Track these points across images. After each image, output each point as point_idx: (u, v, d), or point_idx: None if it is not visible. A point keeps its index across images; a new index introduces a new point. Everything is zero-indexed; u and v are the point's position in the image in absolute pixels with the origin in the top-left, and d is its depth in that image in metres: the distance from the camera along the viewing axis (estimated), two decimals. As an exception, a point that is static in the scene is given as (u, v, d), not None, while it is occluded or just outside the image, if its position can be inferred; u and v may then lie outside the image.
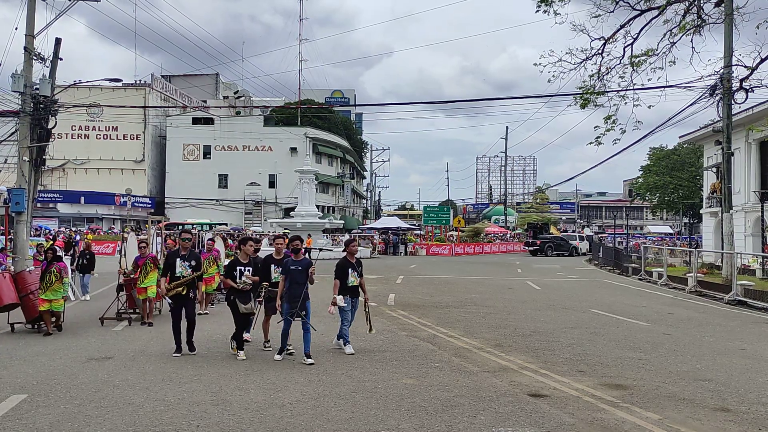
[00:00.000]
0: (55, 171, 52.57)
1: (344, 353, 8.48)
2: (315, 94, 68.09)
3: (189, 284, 8.45)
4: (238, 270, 8.20)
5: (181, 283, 8.37)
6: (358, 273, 8.76)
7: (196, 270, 8.54)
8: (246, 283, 8.12)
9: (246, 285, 8.11)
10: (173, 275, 8.42)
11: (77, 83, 26.04)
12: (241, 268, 8.26)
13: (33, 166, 18.42)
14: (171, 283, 8.42)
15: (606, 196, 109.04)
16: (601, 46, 16.98)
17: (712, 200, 30.57)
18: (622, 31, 16.93)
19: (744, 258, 21.68)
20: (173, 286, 8.37)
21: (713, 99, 18.87)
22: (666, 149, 55.96)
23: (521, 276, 24.52)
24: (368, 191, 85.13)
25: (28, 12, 18.20)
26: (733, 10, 16.42)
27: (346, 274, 8.63)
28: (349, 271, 8.68)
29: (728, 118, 19.05)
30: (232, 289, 8.17)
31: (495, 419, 5.68)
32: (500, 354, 8.68)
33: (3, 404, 5.94)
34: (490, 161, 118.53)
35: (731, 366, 8.21)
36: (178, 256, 8.53)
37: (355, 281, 8.69)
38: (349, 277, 8.64)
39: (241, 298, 8.11)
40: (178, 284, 8.36)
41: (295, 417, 5.65)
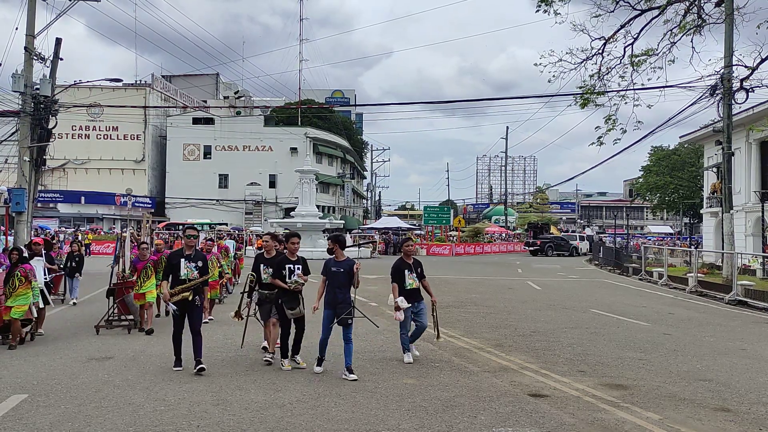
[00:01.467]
0: (55, 171, 52.56)
1: (403, 362, 7.91)
2: (315, 94, 68.11)
3: (195, 289, 7.34)
4: (287, 268, 7.39)
5: (188, 287, 7.26)
6: (417, 275, 8.08)
7: (203, 273, 7.47)
8: (298, 283, 7.35)
9: (298, 285, 7.35)
10: (177, 278, 7.32)
11: (77, 83, 26.08)
12: (290, 266, 7.43)
13: (33, 166, 18.44)
14: (175, 287, 7.32)
15: (606, 196, 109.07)
16: (602, 46, 16.99)
17: (712, 200, 30.57)
18: (623, 31, 16.94)
19: (744, 258, 21.68)
20: (179, 291, 7.24)
21: (714, 99, 18.88)
22: (667, 149, 55.95)
23: (521, 276, 24.52)
24: (368, 191, 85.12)
25: (28, 12, 18.21)
26: (733, 10, 16.41)
27: (403, 277, 7.98)
28: (406, 272, 8.02)
29: (729, 118, 19.05)
30: (280, 290, 7.45)
31: (495, 419, 5.68)
32: (500, 354, 8.68)
33: (3, 404, 5.94)
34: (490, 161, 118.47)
35: (732, 366, 8.21)
36: (183, 257, 7.39)
37: (414, 283, 8.01)
38: (407, 280, 7.98)
39: (287, 302, 7.34)
40: (185, 288, 7.25)
41: (295, 417, 5.65)
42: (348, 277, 7.26)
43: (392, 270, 8.08)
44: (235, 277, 16.24)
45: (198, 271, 7.43)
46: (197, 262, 7.46)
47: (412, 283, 7.99)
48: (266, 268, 7.78)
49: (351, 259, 7.40)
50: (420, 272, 8.12)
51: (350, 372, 7.04)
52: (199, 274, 7.43)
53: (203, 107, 61.77)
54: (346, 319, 7.11)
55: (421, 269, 8.17)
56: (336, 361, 7.97)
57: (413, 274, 8.02)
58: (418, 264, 8.18)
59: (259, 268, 7.88)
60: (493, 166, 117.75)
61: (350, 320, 7.16)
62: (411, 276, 8.00)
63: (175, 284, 7.32)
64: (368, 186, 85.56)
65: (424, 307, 8.11)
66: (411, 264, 8.08)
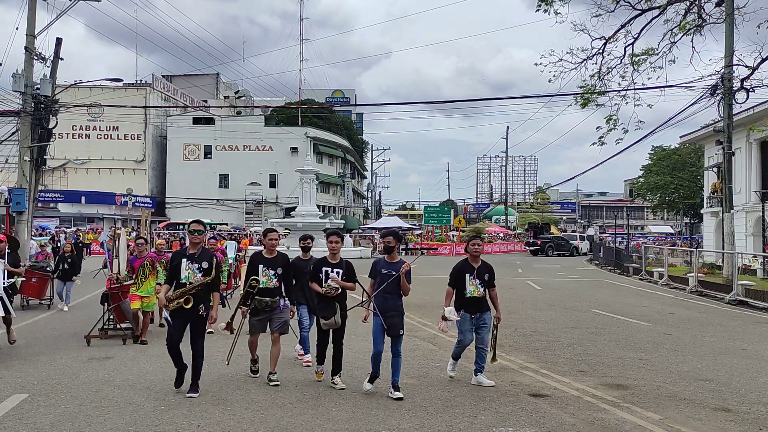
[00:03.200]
0: (55, 171, 52.58)
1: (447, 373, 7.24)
2: (316, 94, 68.13)
3: (197, 295, 6.25)
4: (324, 271, 6.63)
5: (187, 291, 6.19)
6: (482, 281, 6.85)
7: (208, 274, 6.29)
8: (331, 288, 6.50)
9: (330, 290, 6.50)
10: (178, 282, 6.29)
11: (78, 83, 26.09)
12: (328, 269, 6.64)
13: (34, 166, 18.46)
14: (174, 292, 6.30)
15: (607, 195, 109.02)
16: (602, 46, 16.97)
17: (712, 200, 30.55)
18: (623, 31, 16.92)
19: (745, 258, 21.67)
20: (176, 296, 6.22)
21: (714, 99, 18.88)
22: (668, 149, 55.93)
23: (522, 276, 24.51)
24: (369, 191, 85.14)
25: (28, 12, 18.23)
26: (733, 10, 16.40)
27: (464, 282, 6.83)
28: (467, 277, 6.82)
29: (729, 118, 19.04)
30: (317, 296, 6.71)
31: (495, 419, 5.68)
32: (501, 354, 8.66)
33: (4, 404, 5.94)
34: (490, 161, 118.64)
35: (732, 366, 8.21)
36: (185, 256, 6.35)
37: (476, 291, 6.80)
38: (468, 286, 6.80)
39: (320, 310, 6.58)
40: (183, 292, 6.20)
41: (295, 417, 5.65)
42: (399, 281, 6.38)
43: (452, 272, 6.98)
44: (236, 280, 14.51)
45: (202, 273, 6.28)
46: (201, 262, 6.31)
47: (473, 290, 6.81)
48: (266, 270, 6.78)
49: (405, 261, 6.51)
50: (488, 279, 6.91)
51: (396, 390, 6.29)
52: (203, 277, 6.28)
53: (203, 107, 61.80)
54: (397, 329, 6.35)
55: (489, 276, 6.94)
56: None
57: (476, 281, 6.84)
58: (486, 269, 6.95)
59: (258, 269, 6.80)
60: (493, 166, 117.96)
61: (401, 331, 6.40)
62: (473, 282, 6.82)
63: (176, 289, 6.31)
64: (368, 186, 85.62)
65: (488, 320, 6.92)
66: (476, 268, 6.89)
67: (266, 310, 6.76)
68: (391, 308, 6.35)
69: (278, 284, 6.80)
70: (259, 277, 6.73)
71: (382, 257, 6.66)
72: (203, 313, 6.27)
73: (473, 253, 6.96)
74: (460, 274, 6.89)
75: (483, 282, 6.86)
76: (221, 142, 56.71)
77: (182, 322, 6.26)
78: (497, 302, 7.00)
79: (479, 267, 6.91)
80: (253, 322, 6.84)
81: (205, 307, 6.29)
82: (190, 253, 6.39)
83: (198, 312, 6.23)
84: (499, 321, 7.04)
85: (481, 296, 6.84)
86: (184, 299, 6.17)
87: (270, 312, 6.78)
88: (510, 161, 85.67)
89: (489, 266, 7.02)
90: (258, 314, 6.80)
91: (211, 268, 6.37)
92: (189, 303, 6.18)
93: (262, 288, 6.72)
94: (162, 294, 6.40)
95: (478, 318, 6.86)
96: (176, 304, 6.20)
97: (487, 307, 6.92)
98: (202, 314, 6.26)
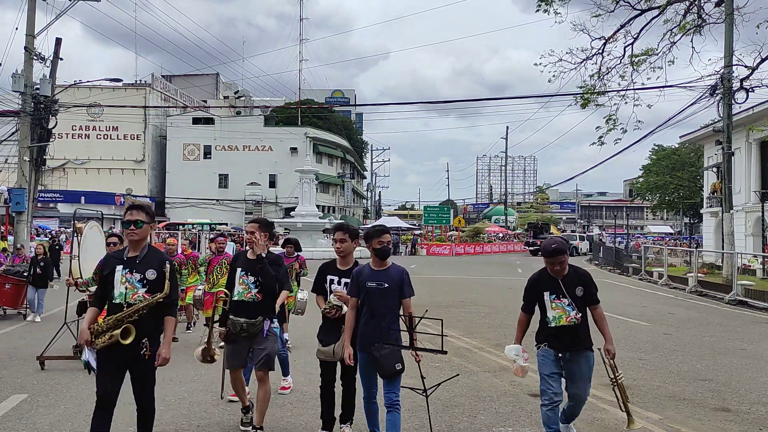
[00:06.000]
0: (55, 171, 52.58)
1: None
2: (315, 94, 68.15)
3: (141, 323, 3.99)
4: (328, 280, 4.95)
5: (123, 317, 3.95)
6: (575, 300, 4.54)
7: (157, 289, 4.06)
8: (332, 306, 4.81)
9: (331, 309, 4.81)
10: (111, 302, 4.06)
11: (77, 83, 26.08)
12: (333, 277, 4.94)
13: (33, 166, 18.46)
14: (105, 319, 4.01)
15: (606, 196, 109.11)
16: (602, 46, 17.01)
17: (712, 200, 30.57)
18: (623, 31, 16.96)
19: (744, 258, 21.68)
20: (106, 326, 3.96)
21: (714, 99, 18.89)
22: (668, 148, 55.98)
23: (522, 276, 24.51)
24: (368, 191, 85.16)
25: (28, 12, 18.23)
26: (733, 10, 16.42)
27: (544, 305, 4.60)
28: (547, 297, 4.57)
29: (729, 118, 19.05)
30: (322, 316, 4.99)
31: (495, 419, 5.68)
32: (501, 354, 8.67)
33: (3, 404, 5.94)
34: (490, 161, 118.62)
35: (732, 366, 8.21)
36: (120, 261, 4.11)
37: (565, 317, 4.52)
38: (550, 310, 4.56)
39: (319, 333, 4.97)
40: (118, 320, 3.95)
41: (295, 417, 5.65)
42: (393, 298, 4.56)
43: (525, 288, 4.82)
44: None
45: (146, 288, 4.05)
46: (145, 271, 4.07)
47: (560, 315, 4.52)
48: (244, 275, 4.91)
49: (398, 267, 4.68)
50: (584, 294, 4.57)
51: None
52: (149, 294, 4.05)
53: (203, 107, 61.82)
54: (392, 365, 4.43)
55: (586, 288, 4.59)
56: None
57: (562, 300, 4.53)
58: (578, 278, 4.61)
59: (235, 276, 4.98)
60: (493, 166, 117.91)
61: (398, 365, 4.46)
62: (558, 303, 4.54)
63: (109, 314, 4.04)
64: (368, 186, 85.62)
65: (587, 361, 4.65)
66: (560, 282, 4.55)
67: (243, 335, 4.84)
68: (383, 335, 4.47)
69: (259, 297, 4.86)
70: (235, 286, 4.93)
71: (364, 266, 4.73)
72: (147, 352, 4.00)
73: (555, 264, 4.50)
74: (534, 291, 4.70)
75: (575, 300, 4.54)
76: (221, 142, 56.72)
77: (117, 367, 4.02)
78: (605, 327, 4.69)
79: (566, 277, 4.56)
80: (229, 352, 4.98)
81: (150, 343, 4.02)
82: (128, 257, 4.12)
83: (141, 350, 3.99)
84: (614, 356, 4.70)
85: (574, 323, 4.53)
86: (120, 331, 3.91)
87: (249, 339, 4.87)
88: (510, 161, 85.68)
89: (582, 274, 4.69)
90: (233, 341, 4.91)
91: (162, 279, 4.07)
92: (128, 336, 3.92)
93: (236, 302, 4.88)
94: (85, 324, 4.14)
95: (569, 359, 4.55)
96: (107, 340, 3.93)
97: (584, 339, 4.61)
98: (146, 353, 4.00)
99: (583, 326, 4.62)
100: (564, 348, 4.54)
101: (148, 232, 4.18)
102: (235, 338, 4.88)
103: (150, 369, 4.11)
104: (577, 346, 4.58)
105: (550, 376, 4.50)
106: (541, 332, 4.65)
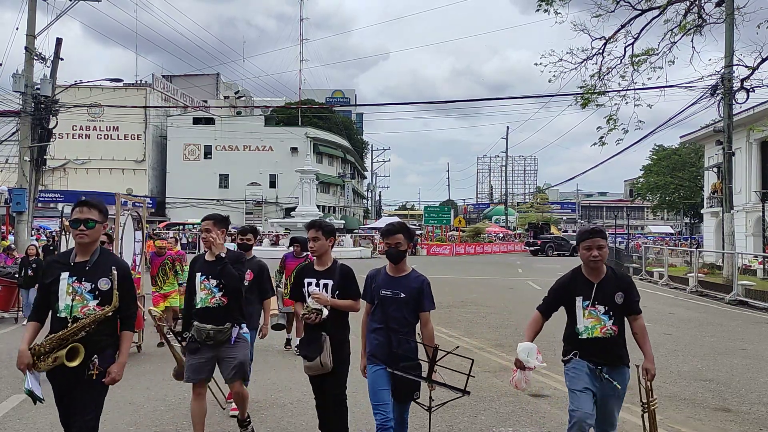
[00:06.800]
0: (55, 171, 52.57)
1: None
2: (316, 94, 68.20)
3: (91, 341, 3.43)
4: (306, 284, 4.44)
5: (65, 336, 3.39)
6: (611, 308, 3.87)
7: (107, 301, 3.47)
8: (310, 311, 4.20)
9: (311, 314, 4.19)
10: (54, 316, 3.52)
11: (78, 83, 26.11)
12: (311, 280, 4.41)
13: (34, 166, 18.48)
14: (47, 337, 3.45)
15: (607, 196, 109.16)
16: (602, 46, 16.99)
17: (713, 200, 30.56)
18: (623, 31, 16.95)
19: (745, 258, 21.68)
20: (49, 345, 3.41)
21: (714, 99, 18.88)
22: (669, 149, 55.99)
23: (522, 276, 24.51)
24: (369, 191, 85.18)
25: (29, 12, 18.25)
26: (733, 10, 16.41)
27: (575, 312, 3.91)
28: (579, 302, 3.86)
29: (729, 118, 19.04)
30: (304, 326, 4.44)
31: (496, 419, 5.68)
32: (501, 354, 8.68)
33: (4, 404, 5.94)
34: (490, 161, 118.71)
35: (732, 366, 8.21)
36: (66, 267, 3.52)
37: (599, 327, 3.86)
38: (581, 319, 3.88)
39: (301, 346, 4.38)
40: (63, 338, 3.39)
41: (295, 417, 5.65)
42: (410, 310, 4.07)
43: (551, 289, 4.09)
44: None
45: (98, 300, 3.46)
46: (97, 279, 3.46)
47: (594, 325, 3.84)
48: (205, 279, 4.49)
49: (419, 276, 4.21)
50: (623, 302, 3.89)
51: None
52: (100, 306, 3.45)
53: (204, 107, 61.82)
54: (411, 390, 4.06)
55: (626, 295, 3.90)
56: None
57: (598, 308, 3.85)
58: (616, 284, 3.90)
59: (195, 281, 4.56)
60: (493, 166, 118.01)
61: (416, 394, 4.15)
62: (593, 311, 3.85)
63: (52, 331, 3.47)
64: (368, 186, 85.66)
65: (623, 378, 4.01)
66: (596, 284, 3.86)
67: (209, 343, 4.41)
68: (398, 350, 3.97)
69: (224, 301, 4.46)
70: (197, 293, 4.51)
71: (380, 269, 4.26)
72: (95, 371, 3.40)
73: (591, 261, 3.83)
74: (564, 294, 3.97)
75: (613, 308, 3.85)
76: (221, 142, 56.74)
77: (63, 390, 3.52)
78: (647, 342, 4.04)
79: (605, 281, 3.87)
80: (191, 365, 4.46)
81: (100, 359, 3.44)
82: (75, 263, 3.49)
83: (88, 371, 3.40)
84: (653, 377, 4.04)
85: (610, 335, 3.86)
86: (66, 351, 3.33)
87: (215, 348, 4.43)
88: (510, 161, 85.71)
89: (623, 278, 4.01)
90: (194, 351, 4.43)
91: (111, 288, 3.45)
92: (75, 358, 3.34)
93: (201, 309, 4.46)
94: (23, 343, 3.48)
95: (604, 377, 3.86)
96: (52, 363, 3.37)
97: (620, 354, 3.95)
98: (93, 373, 3.40)
99: (620, 339, 3.98)
100: (599, 361, 3.93)
101: (100, 234, 3.57)
102: (198, 347, 4.43)
103: (94, 390, 3.45)
104: (613, 360, 3.94)
105: (583, 391, 3.78)
106: (570, 344, 4.02)
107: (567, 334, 4.07)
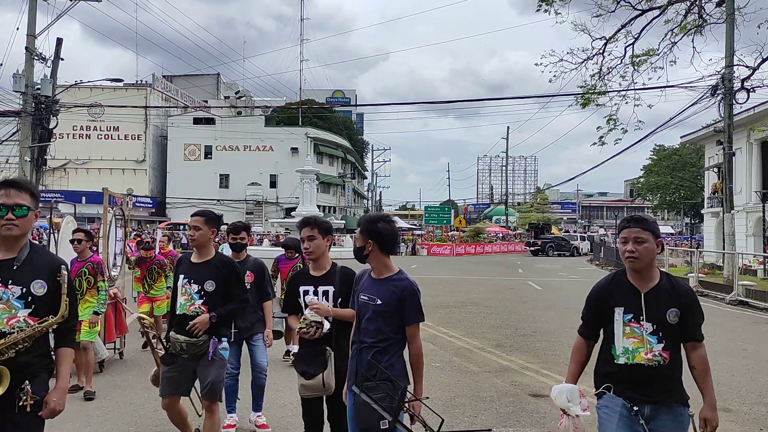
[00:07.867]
0: (56, 171, 52.61)
1: None
2: (316, 94, 68.21)
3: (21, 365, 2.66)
4: (302, 293, 3.80)
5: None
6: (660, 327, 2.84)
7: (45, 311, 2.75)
8: (308, 324, 3.55)
9: (309, 329, 3.54)
10: None
11: (78, 83, 26.11)
12: (307, 288, 3.78)
13: (34, 166, 18.47)
14: None
15: (607, 196, 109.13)
16: (602, 46, 17.00)
17: (713, 200, 30.55)
18: (623, 31, 16.95)
19: (745, 258, 21.66)
20: None
21: (714, 99, 18.87)
22: (669, 149, 56.00)
23: (522, 276, 24.51)
24: (369, 191, 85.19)
25: (29, 12, 18.25)
26: (734, 10, 16.40)
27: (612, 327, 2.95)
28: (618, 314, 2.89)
29: (730, 118, 19.03)
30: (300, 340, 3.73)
31: (496, 419, 5.68)
32: (501, 354, 8.67)
33: (4, 404, 5.92)
34: (490, 161, 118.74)
35: (733, 366, 8.21)
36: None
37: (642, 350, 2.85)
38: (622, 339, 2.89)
39: (298, 363, 3.71)
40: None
41: (296, 417, 5.64)
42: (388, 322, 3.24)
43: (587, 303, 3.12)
44: None
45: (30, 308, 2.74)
46: (29, 283, 2.74)
47: (636, 348, 2.87)
48: (187, 283, 4.06)
49: (404, 280, 3.30)
50: (681, 324, 2.87)
51: None
52: (33, 318, 2.73)
53: (204, 107, 61.84)
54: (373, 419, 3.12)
55: (685, 315, 2.88)
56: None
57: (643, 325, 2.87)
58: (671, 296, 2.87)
59: (178, 284, 4.14)
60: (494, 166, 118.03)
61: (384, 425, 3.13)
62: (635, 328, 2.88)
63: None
64: (369, 186, 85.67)
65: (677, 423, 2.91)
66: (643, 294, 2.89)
67: (183, 356, 3.97)
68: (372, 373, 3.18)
69: (204, 310, 3.99)
70: (177, 297, 4.09)
71: (367, 270, 3.45)
72: (29, 401, 2.66)
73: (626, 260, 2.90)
74: (601, 304, 3.02)
75: (664, 328, 2.86)
76: (222, 142, 56.78)
77: None
78: (708, 380, 3.10)
79: (653, 291, 2.89)
80: (166, 377, 4.09)
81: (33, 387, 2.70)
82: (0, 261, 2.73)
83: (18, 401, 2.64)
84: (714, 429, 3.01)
85: (657, 363, 2.85)
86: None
87: (192, 360, 4.00)
88: (510, 161, 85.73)
89: (683, 291, 2.92)
90: (171, 362, 4.04)
91: (57, 295, 2.79)
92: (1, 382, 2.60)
93: (179, 316, 4.05)
94: None
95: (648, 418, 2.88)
96: None
97: (671, 390, 2.91)
98: (27, 404, 2.65)
99: (674, 372, 2.89)
100: (639, 397, 2.87)
101: (32, 224, 2.78)
102: (173, 360, 4.00)
103: (29, 425, 2.69)
104: (659, 397, 2.84)
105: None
106: (603, 371, 3.03)
107: (601, 359, 3.04)
